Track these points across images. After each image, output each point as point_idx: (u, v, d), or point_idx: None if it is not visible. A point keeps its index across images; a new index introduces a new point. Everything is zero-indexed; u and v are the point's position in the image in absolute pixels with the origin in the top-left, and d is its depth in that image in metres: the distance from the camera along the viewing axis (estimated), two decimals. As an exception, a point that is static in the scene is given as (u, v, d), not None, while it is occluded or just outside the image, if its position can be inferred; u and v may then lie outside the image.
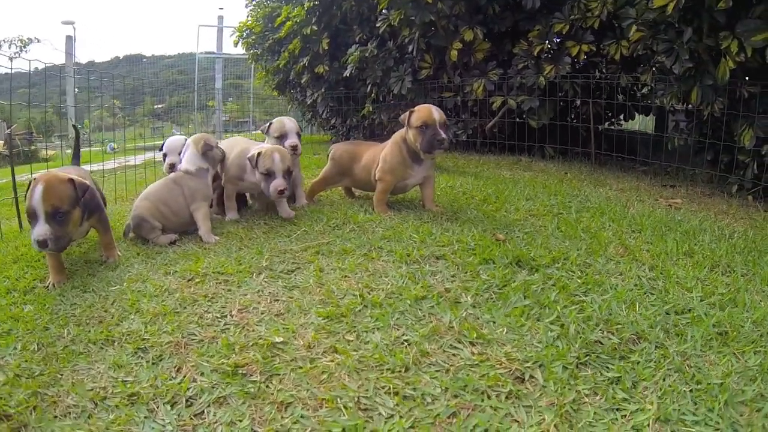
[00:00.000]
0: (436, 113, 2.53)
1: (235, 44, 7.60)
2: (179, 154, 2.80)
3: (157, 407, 1.21)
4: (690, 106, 3.62)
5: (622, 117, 5.01)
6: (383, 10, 4.99)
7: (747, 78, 3.39)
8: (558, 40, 4.36)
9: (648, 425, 1.09)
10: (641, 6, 3.49)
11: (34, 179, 1.90)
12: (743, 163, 3.37)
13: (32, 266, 2.21)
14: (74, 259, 2.29)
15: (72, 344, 1.51)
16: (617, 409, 1.14)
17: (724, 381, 1.22)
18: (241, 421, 1.14)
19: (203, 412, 1.19)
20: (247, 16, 7.63)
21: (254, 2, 7.57)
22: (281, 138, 2.88)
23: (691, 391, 1.20)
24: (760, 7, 2.98)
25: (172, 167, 2.82)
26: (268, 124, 3.01)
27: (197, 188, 2.56)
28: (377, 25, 5.12)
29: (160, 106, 11.64)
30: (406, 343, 1.37)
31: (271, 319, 1.57)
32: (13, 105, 3.44)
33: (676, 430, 1.08)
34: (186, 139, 2.89)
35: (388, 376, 1.24)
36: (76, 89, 9.76)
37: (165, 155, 2.92)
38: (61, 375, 1.37)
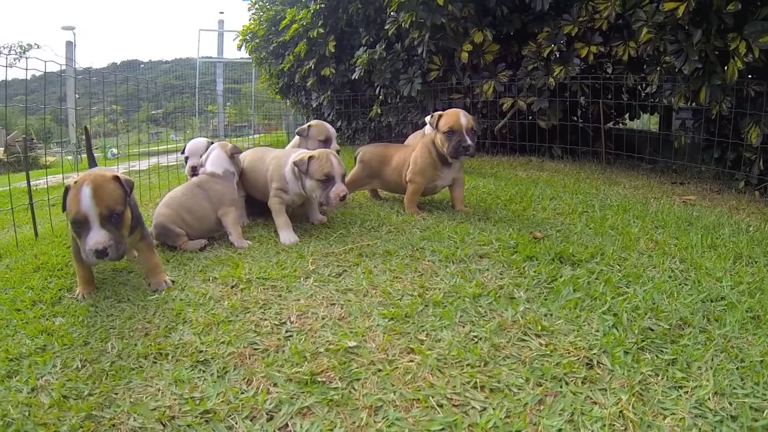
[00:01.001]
0: (464, 119, 2.59)
1: (239, 48, 7.65)
2: (200, 156, 2.72)
3: (236, 423, 1.16)
4: (694, 104, 3.76)
5: (627, 116, 5.15)
6: (392, 13, 5.07)
7: (750, 76, 3.53)
8: (563, 42, 4.47)
9: (709, 399, 1.20)
10: (651, 9, 3.61)
11: (75, 182, 1.69)
12: (749, 160, 3.51)
13: (56, 275, 2.13)
14: (99, 267, 2.16)
15: (119, 359, 1.44)
16: (679, 387, 1.24)
17: (763, 358, 1.35)
18: (332, 430, 1.13)
19: (287, 424, 1.15)
20: (250, 20, 7.69)
21: (257, 6, 7.63)
22: (326, 141, 2.86)
23: (737, 368, 1.32)
24: (765, 9, 3.12)
25: (194, 170, 2.75)
26: (307, 126, 2.96)
27: (224, 192, 2.46)
28: (386, 27, 5.19)
29: (158, 111, 11.65)
30: (476, 339, 1.44)
31: (335, 324, 1.56)
32: (12, 112, 3.36)
33: (732, 402, 1.19)
34: (208, 142, 2.84)
35: (470, 371, 1.29)
36: (77, 95, 9.75)
37: (187, 158, 2.85)
38: (116, 394, 1.28)
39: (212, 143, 2.78)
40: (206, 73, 11.46)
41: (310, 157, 2.38)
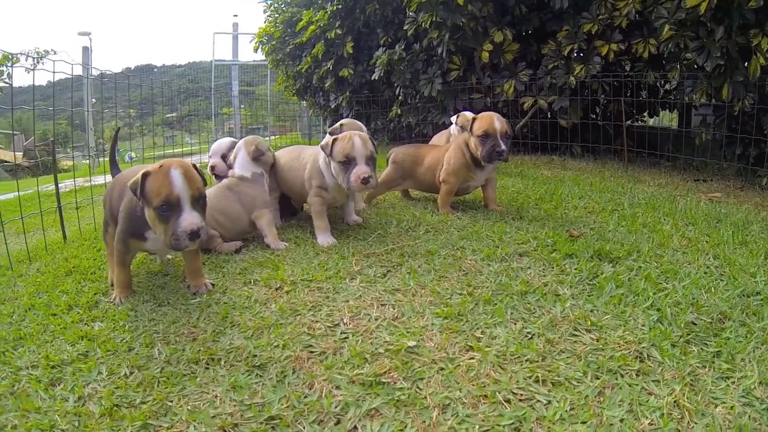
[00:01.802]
0: (498, 123, 2.63)
1: (255, 50, 7.74)
2: (223, 156, 2.76)
3: (304, 428, 1.16)
4: (715, 100, 3.80)
5: (646, 114, 5.19)
6: (411, 13, 5.13)
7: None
8: (583, 40, 4.51)
9: (755, 388, 1.27)
10: (672, 5, 3.66)
11: (159, 166, 1.69)
12: (772, 156, 3.56)
13: (89, 279, 2.12)
14: (133, 269, 2.13)
15: (169, 365, 1.41)
16: (727, 378, 1.32)
17: (802, 350, 1.41)
18: (403, 430, 1.14)
19: (356, 427, 1.15)
20: (265, 22, 7.78)
21: (272, 8, 7.71)
22: None
23: (778, 359, 1.39)
24: (788, 6, 3.17)
25: (213, 169, 2.80)
26: (339, 125, 2.95)
27: (256, 195, 2.47)
28: (404, 27, 5.25)
29: (172, 114, 11.81)
30: (530, 335, 1.51)
31: (390, 324, 1.58)
32: (32, 117, 3.36)
33: (777, 390, 1.27)
34: (232, 141, 2.85)
35: (530, 367, 1.34)
36: (94, 100, 9.93)
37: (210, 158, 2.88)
38: (171, 402, 1.26)
39: (236, 142, 2.76)
40: (220, 76, 11.61)
41: (335, 139, 2.34)
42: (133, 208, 1.80)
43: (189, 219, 1.65)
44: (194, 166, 1.79)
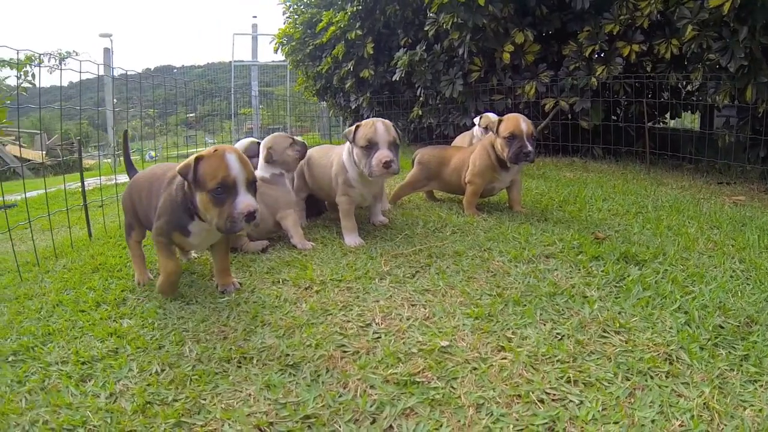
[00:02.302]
0: (524, 124, 2.67)
1: (275, 51, 7.84)
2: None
3: (340, 427, 1.16)
4: (737, 102, 3.79)
5: (667, 115, 5.17)
6: (432, 14, 5.16)
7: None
8: (604, 41, 4.51)
9: (783, 391, 1.30)
10: (695, 6, 3.65)
11: (214, 150, 1.72)
12: (797, 159, 3.54)
13: (115, 276, 2.14)
14: (152, 266, 2.21)
15: (200, 363, 1.42)
16: (755, 381, 1.34)
17: (828, 355, 1.43)
18: (438, 429, 1.15)
19: (392, 426, 1.17)
20: (284, 23, 7.87)
21: (291, 9, 7.80)
22: None
23: (805, 363, 1.41)
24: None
25: None
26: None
27: (277, 195, 2.49)
28: (425, 28, 5.29)
29: (191, 115, 12.00)
30: (560, 336, 1.55)
31: (422, 324, 1.60)
32: (53, 117, 3.42)
33: (805, 393, 1.30)
34: (252, 142, 2.91)
35: (561, 367, 1.36)
36: (115, 100, 10.11)
37: None
38: (204, 400, 1.27)
39: (259, 143, 2.78)
40: (239, 76, 11.76)
41: (357, 125, 2.36)
42: (175, 199, 1.81)
43: (245, 201, 1.69)
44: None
